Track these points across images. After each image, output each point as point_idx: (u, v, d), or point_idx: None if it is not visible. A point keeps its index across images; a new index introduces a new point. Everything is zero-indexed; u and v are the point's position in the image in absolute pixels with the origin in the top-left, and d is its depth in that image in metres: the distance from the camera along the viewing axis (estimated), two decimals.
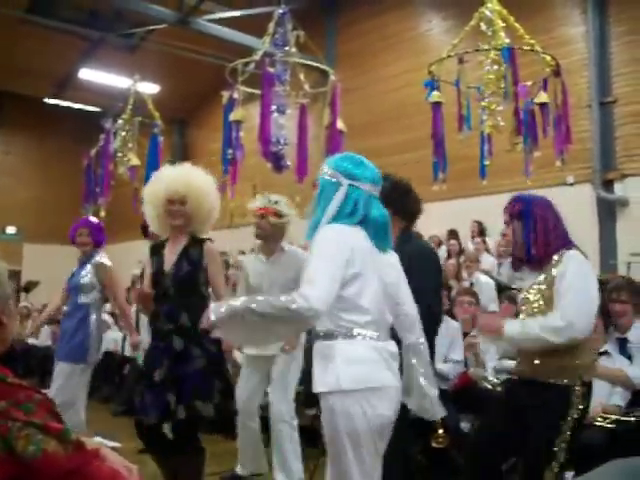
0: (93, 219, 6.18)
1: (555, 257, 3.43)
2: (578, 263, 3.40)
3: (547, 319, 3.31)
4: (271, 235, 5.27)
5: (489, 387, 5.62)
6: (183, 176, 4.35)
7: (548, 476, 3.32)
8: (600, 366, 4.54)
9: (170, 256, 4.31)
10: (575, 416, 3.35)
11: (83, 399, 5.58)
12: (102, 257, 5.77)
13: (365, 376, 2.78)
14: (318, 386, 2.80)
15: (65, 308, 5.88)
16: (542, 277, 3.46)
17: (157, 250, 4.41)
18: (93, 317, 5.63)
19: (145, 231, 6.03)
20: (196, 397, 4.00)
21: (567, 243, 3.50)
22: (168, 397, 3.98)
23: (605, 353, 4.77)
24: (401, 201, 4.19)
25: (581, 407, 3.37)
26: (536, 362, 3.42)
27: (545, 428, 3.36)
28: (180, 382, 4.02)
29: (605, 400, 4.69)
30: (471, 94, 7.70)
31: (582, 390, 3.37)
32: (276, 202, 5.29)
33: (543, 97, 7.41)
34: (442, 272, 4.42)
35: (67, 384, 5.42)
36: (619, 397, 4.72)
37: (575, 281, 3.33)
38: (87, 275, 5.65)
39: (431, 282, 4.15)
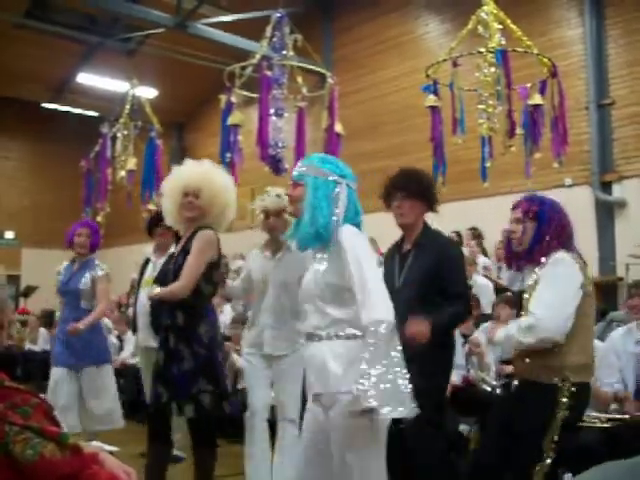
0: (92, 222, 6.22)
1: (543, 259, 3.50)
2: (557, 265, 3.47)
3: (520, 320, 3.43)
4: (280, 232, 5.06)
5: (488, 389, 5.62)
6: (200, 171, 4.39)
7: (538, 475, 3.35)
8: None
9: (177, 251, 4.37)
10: (563, 415, 3.38)
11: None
12: (101, 267, 5.79)
13: None
14: (342, 383, 2.80)
15: (64, 313, 5.85)
16: (534, 277, 3.54)
17: (177, 240, 4.55)
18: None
19: (150, 231, 6.06)
20: (177, 397, 4.09)
21: (563, 246, 3.55)
22: (159, 389, 4.14)
23: None
24: (433, 193, 4.33)
25: (570, 406, 3.39)
26: (527, 361, 3.51)
27: (531, 426, 3.41)
28: (168, 381, 4.13)
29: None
30: (468, 97, 7.71)
31: (572, 390, 3.39)
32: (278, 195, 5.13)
33: (537, 99, 7.41)
34: None
35: (107, 384, 5.64)
36: (609, 386, 4.72)
37: (550, 282, 3.42)
38: (87, 282, 5.66)
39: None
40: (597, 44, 11.22)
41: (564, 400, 3.39)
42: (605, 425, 4.38)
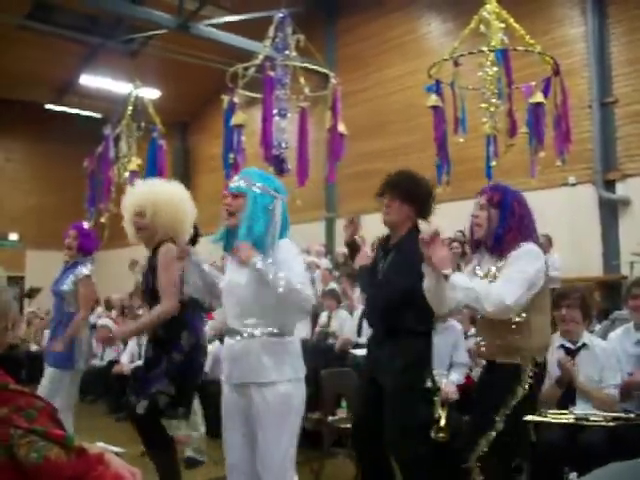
0: (85, 225, 6.12)
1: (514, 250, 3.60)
2: (525, 250, 3.58)
3: (490, 285, 3.50)
4: None
5: None
6: (141, 190, 4.52)
7: (482, 442, 3.53)
8: (584, 385, 4.55)
9: (145, 268, 4.48)
10: (522, 393, 3.56)
11: (70, 406, 5.44)
12: (84, 268, 5.60)
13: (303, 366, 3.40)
14: (273, 375, 3.24)
15: (52, 313, 5.84)
16: (500, 264, 3.62)
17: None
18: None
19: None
20: (136, 394, 4.19)
21: (529, 238, 3.66)
22: (130, 395, 4.24)
23: (584, 346, 4.73)
24: (425, 200, 4.27)
25: (529, 384, 3.58)
26: (497, 343, 3.62)
27: (491, 399, 3.59)
28: (142, 382, 4.22)
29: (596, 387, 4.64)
30: (472, 95, 7.72)
31: (533, 370, 3.59)
32: None
33: (539, 97, 7.41)
34: None
35: (53, 388, 5.31)
36: (613, 389, 4.67)
37: (516, 261, 3.53)
38: (69, 284, 5.57)
39: None
40: (600, 42, 11.21)
41: (526, 379, 3.57)
42: (610, 424, 4.36)
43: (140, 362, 8.95)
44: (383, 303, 4.16)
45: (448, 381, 5.55)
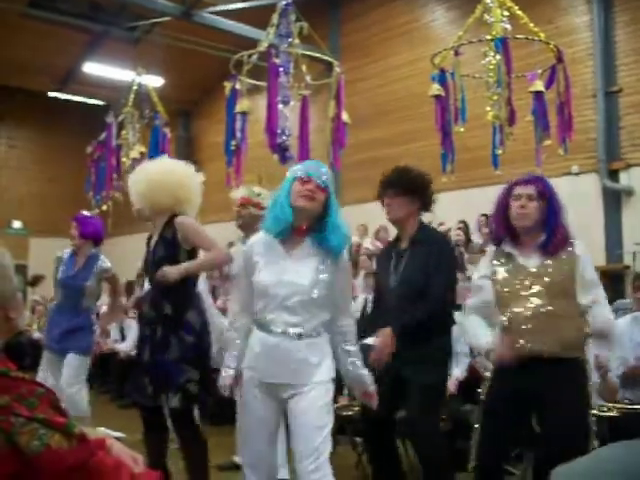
0: (86, 213, 6.14)
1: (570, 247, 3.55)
2: (586, 250, 3.58)
3: (602, 302, 3.55)
4: (251, 226, 5.13)
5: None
6: (132, 177, 4.50)
7: (594, 443, 3.38)
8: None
9: (154, 242, 4.34)
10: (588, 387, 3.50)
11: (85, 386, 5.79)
12: (104, 262, 5.73)
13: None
14: (323, 375, 3.23)
15: (62, 305, 5.82)
16: (556, 260, 3.53)
17: (148, 239, 4.44)
18: (94, 315, 5.90)
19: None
20: (164, 387, 4.05)
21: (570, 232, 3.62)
22: (145, 381, 4.11)
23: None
24: (425, 190, 4.28)
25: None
26: (556, 338, 3.45)
27: (579, 404, 3.43)
28: (156, 369, 4.07)
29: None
30: (477, 84, 7.70)
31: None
32: (259, 194, 5.29)
33: (539, 85, 7.38)
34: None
35: (77, 374, 5.58)
36: (615, 377, 4.68)
37: (590, 265, 3.56)
38: (92, 280, 5.67)
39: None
40: (604, 31, 11.16)
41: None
42: (614, 414, 4.37)
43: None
44: (397, 305, 4.07)
45: (452, 376, 5.50)
